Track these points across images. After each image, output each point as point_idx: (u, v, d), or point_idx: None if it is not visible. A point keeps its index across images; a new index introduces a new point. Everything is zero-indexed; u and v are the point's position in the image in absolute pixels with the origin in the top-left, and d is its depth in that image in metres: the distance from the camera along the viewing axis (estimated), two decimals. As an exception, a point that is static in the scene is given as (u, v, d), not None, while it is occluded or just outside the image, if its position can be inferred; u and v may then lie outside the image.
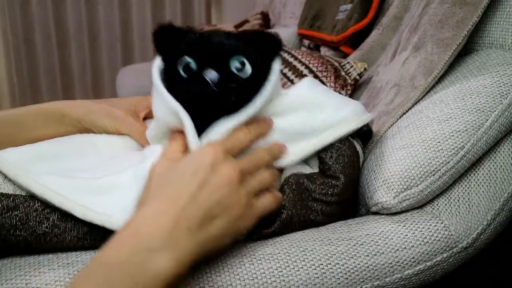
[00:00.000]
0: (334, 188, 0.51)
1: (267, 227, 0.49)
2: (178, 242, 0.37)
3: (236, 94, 0.45)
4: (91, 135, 0.55)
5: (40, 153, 0.51)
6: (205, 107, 0.45)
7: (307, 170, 0.53)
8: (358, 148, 0.56)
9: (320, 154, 0.53)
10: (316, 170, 0.53)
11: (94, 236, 0.45)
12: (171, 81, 0.46)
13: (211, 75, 0.43)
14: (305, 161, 0.54)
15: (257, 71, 0.46)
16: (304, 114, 0.51)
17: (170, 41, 0.48)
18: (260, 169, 0.46)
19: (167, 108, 0.46)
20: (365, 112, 0.55)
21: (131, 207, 0.43)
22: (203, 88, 0.43)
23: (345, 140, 0.53)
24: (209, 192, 0.40)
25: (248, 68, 0.45)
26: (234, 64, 0.45)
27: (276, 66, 0.49)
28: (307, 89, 0.53)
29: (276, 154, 0.49)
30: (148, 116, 0.58)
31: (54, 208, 0.44)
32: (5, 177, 0.45)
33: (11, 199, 0.44)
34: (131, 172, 0.47)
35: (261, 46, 0.48)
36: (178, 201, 0.39)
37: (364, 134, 0.59)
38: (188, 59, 0.45)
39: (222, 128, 0.45)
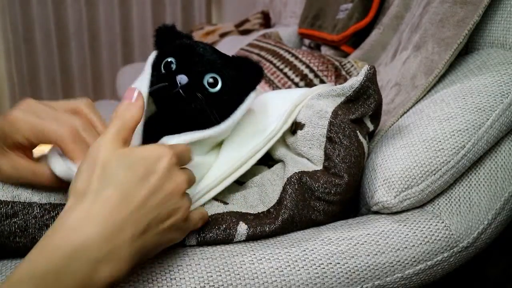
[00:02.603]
0: (337, 187, 0.51)
1: (269, 226, 0.49)
2: (120, 251, 0.34)
3: (200, 104, 0.49)
4: None
5: None
6: (168, 104, 0.50)
7: (310, 167, 0.53)
8: (366, 149, 0.56)
9: (327, 151, 0.53)
10: (319, 167, 0.53)
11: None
12: (153, 74, 0.51)
13: (181, 78, 0.48)
14: (309, 158, 0.54)
15: (227, 91, 0.50)
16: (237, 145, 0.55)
17: (166, 40, 0.53)
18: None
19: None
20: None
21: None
22: (170, 87, 0.48)
23: (355, 140, 0.53)
24: (161, 199, 0.38)
25: (219, 87, 0.50)
26: (207, 78, 0.50)
27: (250, 98, 0.54)
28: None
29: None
30: None
31: (53, 215, 0.44)
32: (4, 184, 0.45)
33: (9, 206, 0.44)
34: None
35: (243, 72, 0.53)
36: (128, 205, 0.36)
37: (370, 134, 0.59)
38: (170, 59, 0.50)
39: (183, 138, 0.48)
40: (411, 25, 0.78)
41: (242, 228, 0.48)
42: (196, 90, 0.49)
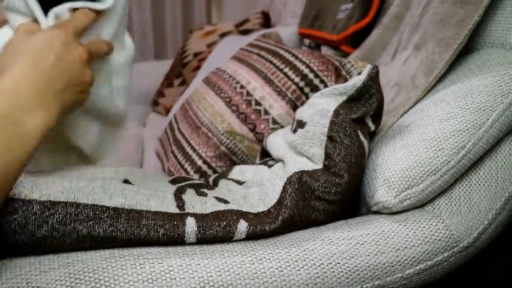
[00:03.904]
0: (337, 186, 0.51)
1: (269, 225, 0.49)
2: (48, 102, 0.45)
3: None
4: None
5: None
6: None
7: (310, 166, 0.53)
8: (367, 148, 0.56)
9: (327, 150, 0.53)
10: (319, 166, 0.53)
11: (94, 238, 0.45)
12: None
13: None
14: (309, 157, 0.54)
15: None
16: None
17: None
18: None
19: None
20: None
21: None
22: None
23: (356, 139, 0.53)
24: (67, 65, 0.48)
25: None
26: None
27: None
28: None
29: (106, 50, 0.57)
30: None
31: (53, 212, 0.44)
32: None
33: (9, 203, 0.44)
34: None
35: None
36: (44, 67, 0.46)
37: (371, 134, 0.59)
38: None
39: (61, 8, 0.52)
40: (411, 25, 0.78)
41: (243, 226, 0.48)
42: None
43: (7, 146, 0.40)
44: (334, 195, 0.51)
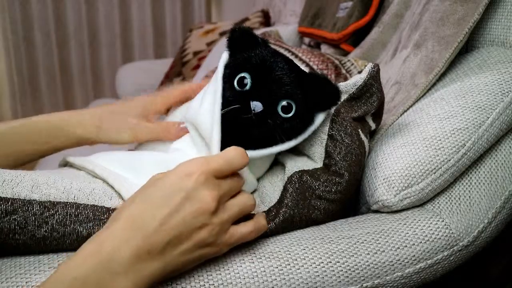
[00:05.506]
0: (337, 185, 0.51)
1: (269, 224, 0.49)
2: (138, 267, 0.38)
3: (269, 129, 0.48)
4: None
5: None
6: (238, 127, 0.49)
7: (310, 165, 0.53)
8: (367, 148, 0.56)
9: (328, 149, 0.53)
10: (319, 164, 0.53)
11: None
12: (225, 83, 0.50)
13: (256, 106, 0.47)
14: (309, 155, 0.54)
15: (299, 115, 0.49)
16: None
17: (241, 43, 0.51)
18: (240, 193, 0.44)
19: (211, 111, 0.50)
20: None
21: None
22: (244, 112, 0.47)
23: (356, 138, 0.53)
24: (180, 219, 0.39)
25: (292, 112, 0.49)
26: (282, 104, 0.49)
27: (320, 119, 0.52)
28: None
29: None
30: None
31: (53, 212, 0.44)
32: (4, 180, 0.45)
33: (9, 203, 0.43)
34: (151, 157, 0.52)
35: (318, 94, 0.51)
36: (147, 228, 0.39)
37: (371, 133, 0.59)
38: (245, 75, 0.49)
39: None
40: (411, 23, 0.78)
41: None
42: (268, 117, 0.48)
43: None
44: (334, 194, 0.51)
